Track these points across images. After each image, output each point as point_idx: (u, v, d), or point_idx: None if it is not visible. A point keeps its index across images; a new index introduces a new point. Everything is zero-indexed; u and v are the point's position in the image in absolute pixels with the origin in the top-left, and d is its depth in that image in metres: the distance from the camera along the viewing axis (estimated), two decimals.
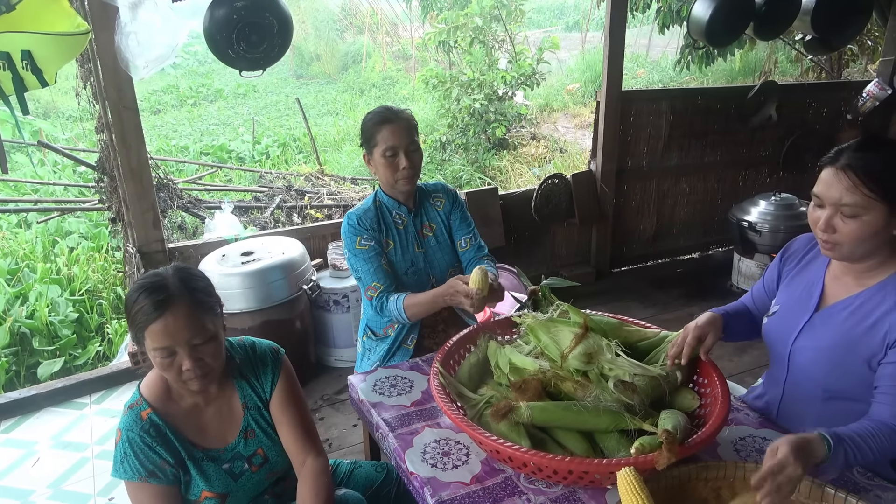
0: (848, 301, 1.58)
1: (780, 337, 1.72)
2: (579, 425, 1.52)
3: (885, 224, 1.44)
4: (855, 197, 1.43)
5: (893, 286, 1.51)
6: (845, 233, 1.47)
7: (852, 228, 1.46)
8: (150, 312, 1.42)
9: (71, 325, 4.20)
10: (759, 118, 4.79)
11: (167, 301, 1.43)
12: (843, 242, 1.48)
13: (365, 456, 2.10)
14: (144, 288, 1.45)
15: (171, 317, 1.43)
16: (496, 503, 1.42)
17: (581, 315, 1.71)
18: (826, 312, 1.62)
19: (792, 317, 1.69)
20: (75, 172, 6.97)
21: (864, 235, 1.45)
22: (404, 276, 2.28)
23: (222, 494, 1.60)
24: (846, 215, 1.46)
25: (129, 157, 3.08)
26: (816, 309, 1.65)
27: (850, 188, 1.43)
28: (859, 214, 1.44)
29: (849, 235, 1.47)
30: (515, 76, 7.49)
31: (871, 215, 1.43)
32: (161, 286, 1.46)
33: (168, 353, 1.45)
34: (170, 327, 1.43)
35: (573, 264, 4.75)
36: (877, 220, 1.43)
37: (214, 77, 13.10)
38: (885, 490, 1.44)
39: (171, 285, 1.46)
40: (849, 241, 1.47)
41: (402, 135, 2.16)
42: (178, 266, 1.55)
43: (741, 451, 1.59)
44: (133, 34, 2.49)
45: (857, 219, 1.44)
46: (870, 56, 6.95)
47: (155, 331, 1.43)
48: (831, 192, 1.47)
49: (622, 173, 4.60)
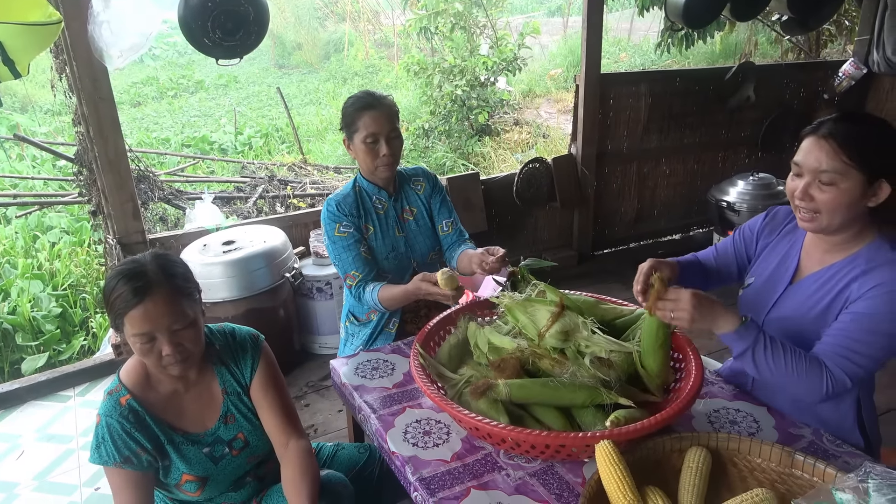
0: (820, 273, 1.62)
1: (755, 309, 1.75)
2: (556, 401, 1.55)
3: (860, 194, 1.47)
4: (834, 163, 1.46)
5: (864, 258, 1.54)
6: (822, 201, 1.50)
7: (829, 196, 1.48)
8: (130, 299, 1.43)
9: (54, 320, 4.17)
10: (737, 99, 4.83)
11: (146, 287, 1.44)
12: (821, 210, 1.51)
13: (349, 439, 2.13)
14: (123, 274, 1.46)
15: (151, 303, 1.44)
16: (476, 479, 1.45)
17: (557, 294, 1.73)
18: (799, 285, 1.66)
19: (767, 289, 1.73)
20: (55, 167, 6.90)
21: (840, 204, 1.48)
22: (385, 261, 2.29)
23: (202, 477, 1.62)
24: (824, 182, 1.48)
25: (106, 148, 3.06)
26: (791, 282, 1.69)
27: (829, 154, 1.46)
28: (836, 182, 1.47)
29: (826, 203, 1.49)
30: (497, 62, 7.47)
31: (848, 183, 1.46)
32: (140, 272, 1.46)
33: (148, 339, 1.46)
34: (150, 313, 1.44)
35: (556, 248, 4.78)
36: (853, 189, 1.46)
37: (195, 68, 12.96)
38: (854, 457, 1.49)
39: (149, 271, 1.47)
40: (826, 209, 1.50)
41: (383, 121, 2.16)
42: (156, 252, 1.56)
43: (715, 423, 1.62)
44: (106, 23, 2.47)
45: (835, 186, 1.47)
46: (847, 36, 7.00)
47: (135, 317, 1.44)
48: (810, 159, 1.50)
49: (603, 156, 4.63)
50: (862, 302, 1.49)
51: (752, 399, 1.72)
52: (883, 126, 1.50)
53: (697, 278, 1.88)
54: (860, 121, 1.51)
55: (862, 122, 1.50)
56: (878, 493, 1.13)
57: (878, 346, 1.46)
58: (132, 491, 1.53)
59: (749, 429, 1.59)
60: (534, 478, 1.44)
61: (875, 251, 1.54)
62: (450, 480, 1.44)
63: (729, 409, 1.67)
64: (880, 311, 1.46)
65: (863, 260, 1.54)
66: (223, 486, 1.67)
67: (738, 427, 1.60)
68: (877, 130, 1.48)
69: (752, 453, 1.37)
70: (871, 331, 1.46)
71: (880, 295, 1.47)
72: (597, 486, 1.28)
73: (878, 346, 1.46)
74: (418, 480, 1.45)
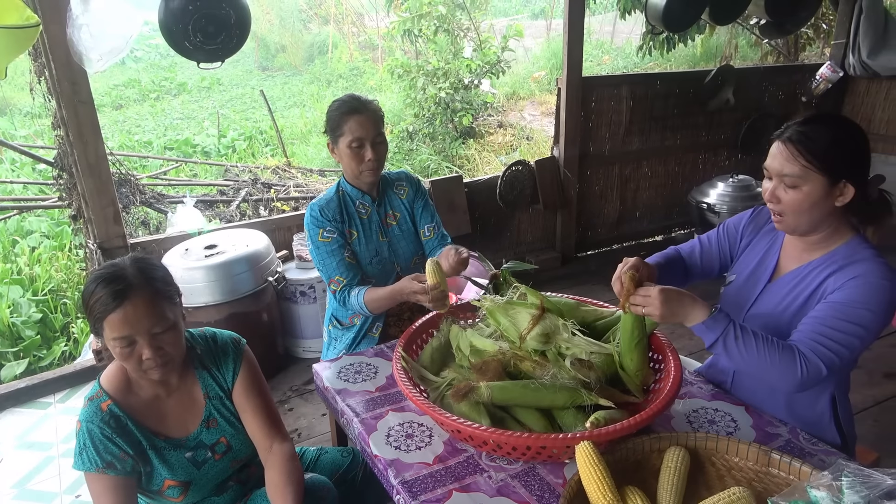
0: (798, 270, 1.65)
1: (736, 306, 1.78)
2: (537, 402, 1.56)
3: (824, 195, 1.50)
4: (794, 167, 1.50)
5: (841, 255, 1.58)
6: (787, 202, 1.54)
7: (793, 198, 1.53)
8: (109, 302, 1.42)
9: (35, 325, 4.12)
10: (716, 102, 4.89)
11: (126, 290, 1.44)
12: (786, 212, 1.56)
13: (332, 442, 2.13)
14: (102, 278, 1.45)
15: (131, 306, 1.43)
16: (458, 481, 1.46)
17: (538, 296, 1.74)
18: (778, 282, 1.69)
19: (747, 287, 1.76)
20: (35, 170, 6.82)
21: (803, 206, 1.52)
22: (368, 266, 2.29)
23: (185, 482, 1.62)
24: (788, 185, 1.53)
25: (86, 152, 3.04)
26: (770, 279, 1.71)
27: (789, 159, 1.51)
28: (799, 185, 1.51)
29: (790, 205, 1.54)
30: (481, 64, 7.50)
31: (810, 186, 1.50)
32: (119, 276, 1.46)
33: (128, 343, 1.46)
34: (129, 316, 1.43)
35: (539, 250, 4.81)
36: (815, 191, 1.50)
37: (177, 70, 12.86)
38: (829, 454, 1.51)
39: (129, 275, 1.47)
40: (791, 210, 1.54)
41: (369, 126, 2.15)
42: (136, 256, 1.55)
43: (694, 423, 1.64)
44: (85, 26, 2.45)
45: (798, 189, 1.52)
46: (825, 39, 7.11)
47: (114, 320, 1.43)
48: (775, 163, 1.55)
49: (585, 159, 4.66)
50: (838, 292, 1.52)
51: (730, 399, 1.75)
52: (845, 129, 1.52)
53: (678, 275, 1.90)
54: (824, 124, 1.52)
55: (825, 125, 1.52)
56: (851, 491, 1.15)
57: (852, 334, 1.48)
58: (115, 496, 1.52)
59: (727, 428, 1.62)
60: (515, 479, 1.45)
61: (853, 249, 1.57)
62: (432, 483, 1.45)
63: (707, 409, 1.69)
64: (856, 300, 1.49)
65: (840, 256, 1.57)
66: (206, 490, 1.67)
67: (717, 426, 1.62)
68: (838, 133, 1.50)
69: (729, 452, 1.39)
70: (845, 318, 1.49)
71: (856, 286, 1.50)
72: (577, 486, 1.29)
73: (852, 334, 1.48)
74: (400, 484, 1.45)
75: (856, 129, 1.53)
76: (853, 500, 1.14)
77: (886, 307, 1.49)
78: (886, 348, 3.41)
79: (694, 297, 1.53)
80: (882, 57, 4.95)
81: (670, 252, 1.93)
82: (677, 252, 1.94)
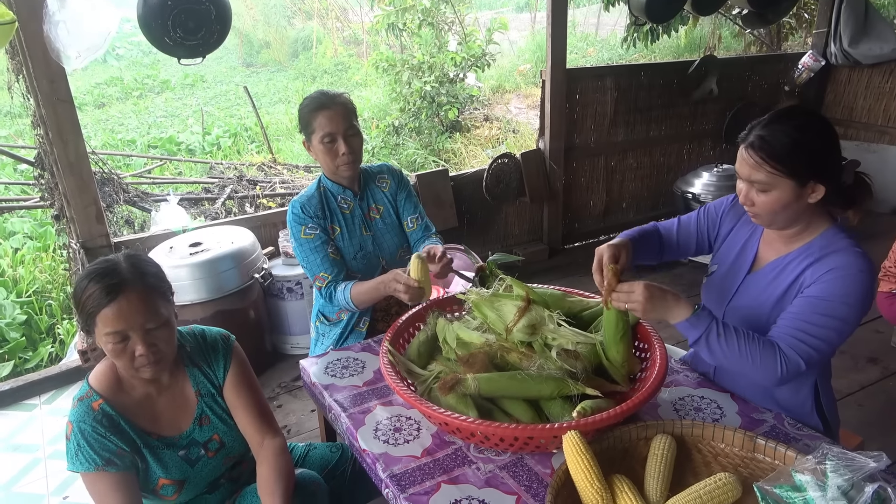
0: (776, 262, 1.66)
1: (716, 298, 1.79)
2: (524, 393, 1.56)
3: (795, 197, 1.50)
4: (760, 174, 1.50)
5: (818, 245, 1.58)
6: (759, 204, 1.55)
7: (765, 201, 1.53)
8: (103, 297, 1.41)
9: (19, 327, 4.08)
10: (700, 92, 4.91)
11: (120, 285, 1.43)
12: (761, 213, 1.57)
13: (321, 438, 2.12)
14: (96, 273, 1.44)
15: (125, 301, 1.42)
16: (447, 473, 1.46)
17: (524, 288, 1.74)
18: (757, 274, 1.70)
19: (728, 278, 1.77)
20: (16, 170, 6.73)
21: (777, 207, 1.53)
22: (353, 261, 2.28)
23: (179, 481, 1.61)
24: (759, 190, 1.53)
25: (66, 150, 3.00)
26: (750, 271, 1.72)
27: (754, 167, 1.50)
28: (768, 189, 1.51)
29: (763, 207, 1.54)
30: (466, 58, 7.47)
31: (779, 189, 1.50)
32: (113, 271, 1.45)
33: (121, 339, 1.44)
34: (123, 311, 1.42)
35: (526, 242, 4.81)
36: (785, 194, 1.50)
37: (160, 68, 12.74)
38: (814, 439, 1.53)
39: (123, 270, 1.46)
40: (765, 212, 1.55)
41: (338, 120, 2.14)
42: (128, 252, 1.55)
43: (680, 411, 1.65)
44: (62, 23, 2.42)
45: (768, 193, 1.52)
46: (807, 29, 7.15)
47: (108, 315, 1.42)
48: (743, 169, 1.54)
49: (570, 151, 4.67)
50: (815, 286, 1.53)
51: (715, 386, 1.76)
52: (807, 128, 1.48)
53: (652, 251, 1.91)
54: (784, 126, 1.48)
55: (785, 128, 1.48)
56: (835, 474, 1.16)
57: (831, 329, 1.49)
58: (120, 493, 1.50)
59: (713, 415, 1.63)
60: (504, 470, 1.46)
61: (829, 239, 1.57)
62: (420, 476, 1.45)
63: (693, 397, 1.71)
64: (834, 294, 1.49)
65: (817, 248, 1.58)
66: (199, 488, 1.66)
67: (703, 414, 1.63)
68: (799, 135, 1.47)
69: (715, 439, 1.40)
70: (824, 314, 1.50)
71: (833, 279, 1.50)
72: (565, 476, 1.30)
73: (830, 328, 1.49)
74: (389, 477, 1.45)
75: (818, 125, 1.50)
76: (837, 483, 1.15)
77: (863, 298, 1.49)
78: (870, 333, 3.44)
79: (677, 294, 1.53)
80: (863, 45, 4.99)
81: (648, 227, 1.94)
82: (655, 228, 1.95)
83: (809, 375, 1.66)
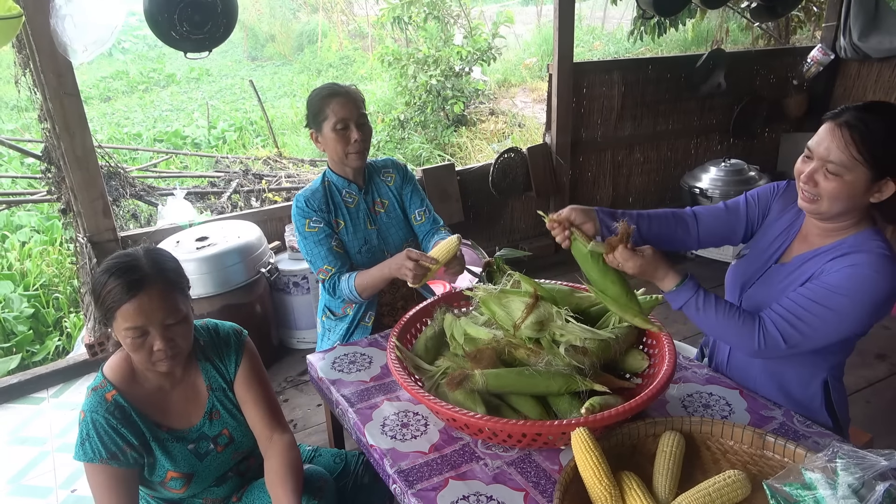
0: (804, 255, 1.63)
1: (737, 282, 1.78)
2: (532, 389, 1.56)
3: (864, 189, 1.46)
4: (843, 155, 1.44)
5: (849, 244, 1.54)
6: (824, 188, 1.48)
7: (833, 186, 1.47)
8: (124, 293, 1.42)
9: (26, 321, 4.10)
10: (708, 86, 4.87)
11: (142, 281, 1.44)
12: (822, 197, 1.50)
13: (328, 433, 2.12)
14: (117, 268, 1.45)
15: (146, 296, 1.43)
16: (454, 469, 1.45)
17: (532, 284, 1.74)
18: (783, 266, 1.67)
19: (753, 264, 1.75)
20: (23, 164, 6.75)
21: (841, 195, 1.47)
22: (357, 255, 2.28)
23: (188, 474, 1.61)
24: (830, 171, 1.46)
25: (73, 144, 3.00)
26: (777, 261, 1.70)
27: (840, 146, 1.44)
28: (842, 174, 1.45)
29: (828, 192, 1.48)
30: (471, 51, 7.45)
31: (853, 177, 1.44)
32: (134, 266, 1.46)
33: (140, 333, 1.45)
34: (144, 307, 1.43)
35: (533, 237, 4.80)
36: (857, 183, 1.45)
37: (166, 61, 12.74)
38: (823, 436, 1.52)
39: (144, 266, 1.47)
40: (828, 196, 1.49)
41: (351, 107, 2.16)
42: (148, 248, 1.56)
43: (689, 407, 1.65)
44: (69, 16, 2.41)
45: (839, 178, 1.45)
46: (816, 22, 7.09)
47: (128, 310, 1.43)
48: (822, 147, 1.47)
49: (577, 145, 4.65)
50: (827, 275, 1.51)
51: (725, 382, 1.75)
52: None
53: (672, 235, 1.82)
54: (883, 114, 1.44)
55: (884, 116, 1.44)
56: (845, 472, 1.15)
57: (820, 317, 1.48)
58: (117, 488, 1.51)
59: (722, 412, 1.62)
60: (511, 466, 1.46)
61: (861, 239, 1.53)
62: (428, 472, 1.45)
63: (702, 393, 1.70)
64: (837, 286, 1.48)
65: (846, 246, 1.54)
66: (207, 481, 1.67)
67: (712, 410, 1.63)
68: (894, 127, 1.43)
69: (724, 436, 1.40)
70: (818, 301, 1.48)
71: (846, 273, 1.48)
72: (573, 472, 1.29)
73: (821, 316, 1.48)
74: (396, 473, 1.45)
75: None
76: (847, 481, 1.14)
77: (870, 299, 1.46)
78: (879, 329, 3.42)
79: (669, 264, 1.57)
80: (873, 39, 4.94)
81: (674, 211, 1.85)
82: (683, 212, 1.85)
83: (819, 373, 1.65)
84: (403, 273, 1.99)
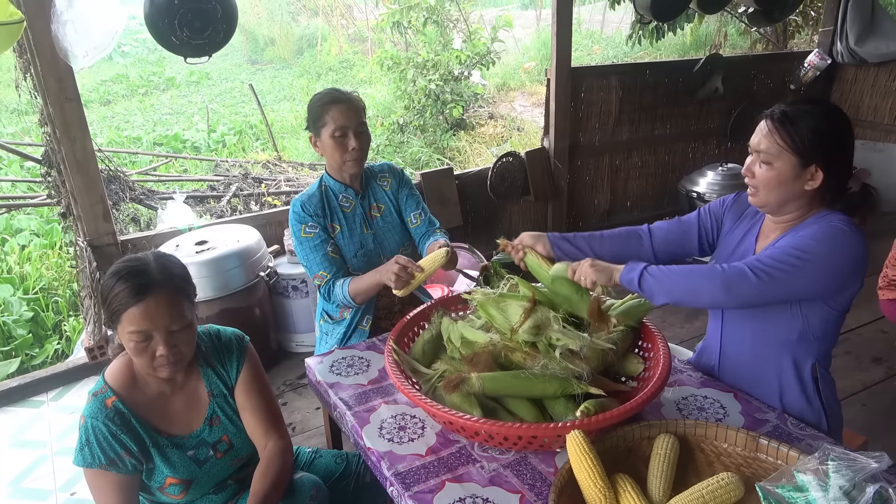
0: (768, 246, 1.65)
1: None
2: (528, 392, 1.57)
3: (793, 176, 1.54)
4: (769, 143, 1.55)
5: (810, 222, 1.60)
6: (759, 177, 1.59)
7: (766, 174, 1.57)
8: (131, 297, 1.43)
9: (26, 324, 4.11)
10: (705, 91, 4.90)
11: (149, 286, 1.45)
12: (759, 187, 1.60)
13: (326, 436, 2.13)
14: (126, 271, 1.46)
15: (153, 302, 1.44)
16: (451, 472, 1.47)
17: (530, 288, 1.75)
18: None
19: None
20: (23, 168, 6.76)
21: (774, 182, 1.56)
22: (353, 259, 2.30)
23: (187, 481, 1.62)
24: (762, 161, 1.58)
25: (73, 149, 3.02)
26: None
27: (766, 135, 1.56)
28: (772, 161, 1.56)
29: (762, 180, 1.58)
30: (470, 56, 7.47)
31: (781, 164, 1.54)
32: (143, 271, 1.46)
33: (144, 338, 1.46)
34: (150, 312, 1.44)
35: None
36: (786, 170, 1.54)
37: (165, 65, 12.76)
38: (816, 439, 1.53)
39: (153, 271, 1.47)
40: (762, 185, 1.59)
41: (351, 115, 2.17)
42: (157, 252, 1.56)
43: (683, 410, 1.66)
44: (70, 22, 2.43)
45: (770, 166, 1.56)
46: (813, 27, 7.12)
47: (134, 315, 1.43)
48: (755, 139, 1.60)
49: (575, 149, 4.67)
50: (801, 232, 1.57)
51: (719, 385, 1.76)
52: (830, 117, 1.54)
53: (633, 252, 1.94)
54: (810, 109, 1.54)
55: (810, 110, 1.54)
56: (837, 474, 1.17)
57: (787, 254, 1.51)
58: (117, 494, 1.52)
59: (716, 415, 1.63)
60: (507, 469, 1.47)
61: (822, 215, 1.60)
62: (425, 474, 1.46)
63: (697, 396, 1.71)
64: (815, 235, 1.53)
65: (809, 223, 1.61)
66: (206, 488, 1.67)
67: (706, 413, 1.64)
68: (820, 121, 1.52)
69: (718, 438, 1.41)
70: (795, 246, 1.52)
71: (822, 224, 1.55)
72: (568, 475, 1.30)
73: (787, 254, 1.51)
74: (394, 475, 1.46)
75: (841, 119, 1.55)
76: (839, 483, 1.15)
77: (841, 253, 1.50)
78: (875, 333, 3.44)
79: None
80: (869, 44, 4.97)
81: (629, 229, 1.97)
82: (639, 229, 1.97)
83: (808, 358, 1.66)
84: (388, 277, 2.01)
